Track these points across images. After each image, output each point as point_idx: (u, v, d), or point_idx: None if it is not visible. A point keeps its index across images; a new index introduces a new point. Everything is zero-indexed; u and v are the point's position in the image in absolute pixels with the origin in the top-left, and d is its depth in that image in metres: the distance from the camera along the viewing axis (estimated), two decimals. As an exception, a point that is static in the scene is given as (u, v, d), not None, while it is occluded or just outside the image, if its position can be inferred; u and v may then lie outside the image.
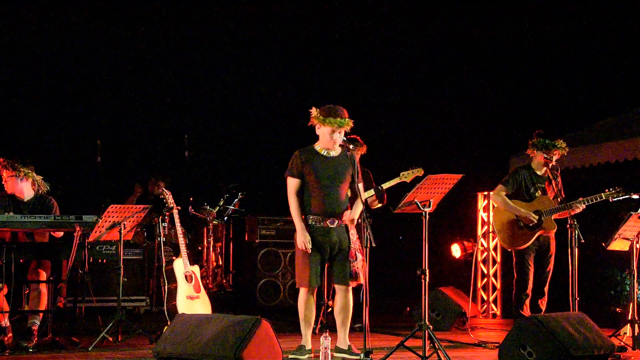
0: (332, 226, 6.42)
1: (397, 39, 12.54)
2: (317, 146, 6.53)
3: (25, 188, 7.15)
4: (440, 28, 12.62)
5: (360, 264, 6.42)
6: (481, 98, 12.35)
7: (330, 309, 7.57)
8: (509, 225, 7.65)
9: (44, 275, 7.07)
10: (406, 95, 12.41)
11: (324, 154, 6.49)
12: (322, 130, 6.44)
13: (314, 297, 6.51)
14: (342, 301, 6.50)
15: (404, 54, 12.54)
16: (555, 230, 7.62)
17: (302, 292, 6.50)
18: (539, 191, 7.61)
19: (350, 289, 6.50)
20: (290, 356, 6.39)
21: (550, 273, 7.64)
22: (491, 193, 7.80)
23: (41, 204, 7.20)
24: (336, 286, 6.55)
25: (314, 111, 6.45)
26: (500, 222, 7.73)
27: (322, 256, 6.46)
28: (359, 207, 6.42)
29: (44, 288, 7.05)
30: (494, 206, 8.39)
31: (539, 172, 7.66)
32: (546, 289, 7.64)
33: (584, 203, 7.30)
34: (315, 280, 6.42)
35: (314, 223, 6.43)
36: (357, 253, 6.42)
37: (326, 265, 6.65)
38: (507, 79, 12.30)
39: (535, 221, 7.50)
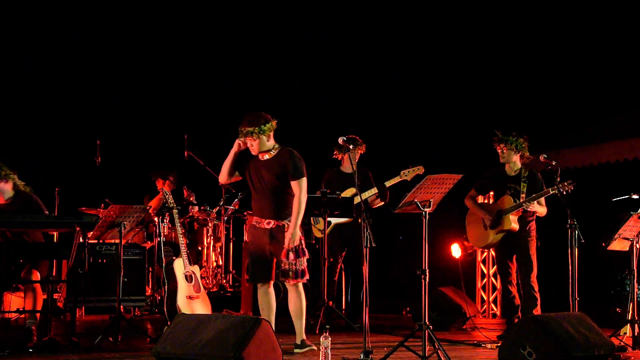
0: (268, 227, 6.54)
1: (398, 37, 12.54)
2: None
3: (5, 190, 7.13)
4: (441, 27, 12.63)
5: (297, 262, 6.46)
6: (481, 98, 12.35)
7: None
8: (475, 225, 7.94)
9: (37, 276, 7.04)
10: (406, 94, 12.40)
11: (259, 157, 6.61)
12: None
13: (266, 291, 6.59)
14: (291, 295, 6.63)
15: (404, 52, 12.54)
16: (518, 229, 7.64)
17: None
18: (508, 192, 7.67)
19: (295, 284, 6.57)
20: None
21: (533, 273, 7.64)
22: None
23: (24, 202, 7.16)
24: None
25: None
26: (469, 222, 8.04)
27: (264, 254, 6.56)
28: (294, 216, 6.43)
29: (38, 288, 7.03)
30: None
31: (510, 174, 7.73)
32: (537, 294, 7.62)
33: (532, 201, 7.47)
34: (257, 276, 6.58)
35: (255, 224, 6.61)
36: (290, 253, 6.45)
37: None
38: (508, 78, 12.30)
39: (491, 220, 7.69)
